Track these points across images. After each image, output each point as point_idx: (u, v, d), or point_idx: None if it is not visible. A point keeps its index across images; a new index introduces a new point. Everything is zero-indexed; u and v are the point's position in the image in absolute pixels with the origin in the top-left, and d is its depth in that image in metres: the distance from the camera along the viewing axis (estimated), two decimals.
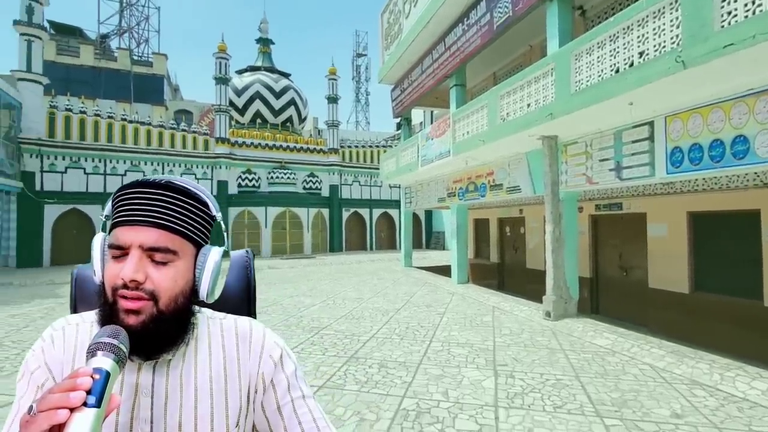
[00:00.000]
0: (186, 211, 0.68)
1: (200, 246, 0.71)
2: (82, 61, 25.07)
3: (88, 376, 0.49)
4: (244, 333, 0.75)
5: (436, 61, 10.27)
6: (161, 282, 0.64)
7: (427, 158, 10.13)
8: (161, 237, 0.65)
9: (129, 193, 0.67)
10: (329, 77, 22.76)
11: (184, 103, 29.45)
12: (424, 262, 15.95)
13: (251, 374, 0.73)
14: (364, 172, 23.54)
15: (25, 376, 0.67)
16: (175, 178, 0.71)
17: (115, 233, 0.65)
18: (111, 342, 0.56)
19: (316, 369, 4.10)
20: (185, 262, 0.68)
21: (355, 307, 7.26)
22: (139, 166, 17.79)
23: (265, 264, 15.70)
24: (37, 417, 0.46)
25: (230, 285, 0.91)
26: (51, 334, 0.70)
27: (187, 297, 0.69)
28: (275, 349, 0.75)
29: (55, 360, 0.68)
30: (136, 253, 0.63)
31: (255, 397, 0.73)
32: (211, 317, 0.76)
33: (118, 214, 0.66)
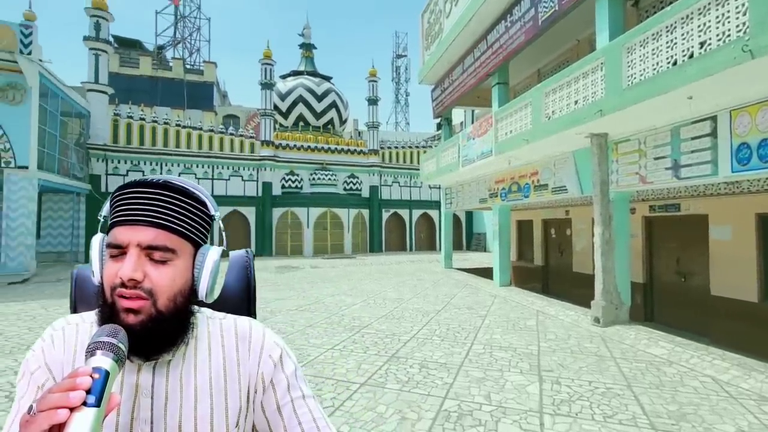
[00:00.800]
0: (184, 210, 0.68)
1: (199, 245, 0.71)
2: (142, 71, 26.92)
3: (88, 376, 0.49)
4: (244, 333, 0.75)
5: (477, 60, 10.11)
6: (160, 281, 0.64)
7: (468, 158, 10.00)
8: (159, 236, 0.64)
9: (127, 193, 0.66)
10: (369, 79, 22.99)
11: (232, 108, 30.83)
12: (464, 263, 15.72)
13: (251, 374, 0.73)
14: (403, 172, 23.57)
15: (25, 376, 0.67)
16: (173, 178, 0.71)
17: (113, 233, 0.65)
18: (110, 341, 0.56)
19: (358, 366, 4.16)
20: (184, 261, 0.67)
21: (396, 308, 7.30)
22: (191, 168, 18.82)
23: (307, 263, 16.10)
24: (37, 417, 0.45)
25: (230, 285, 0.90)
26: (51, 335, 0.70)
27: (186, 297, 0.68)
28: (275, 349, 0.75)
29: (55, 360, 0.68)
30: (134, 251, 0.63)
31: (255, 397, 0.73)
32: (211, 317, 0.76)
33: (116, 213, 0.66)
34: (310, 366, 4.20)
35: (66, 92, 14.32)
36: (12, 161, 11.48)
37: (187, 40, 33.24)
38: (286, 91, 23.39)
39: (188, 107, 26.05)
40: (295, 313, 6.92)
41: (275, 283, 10.83)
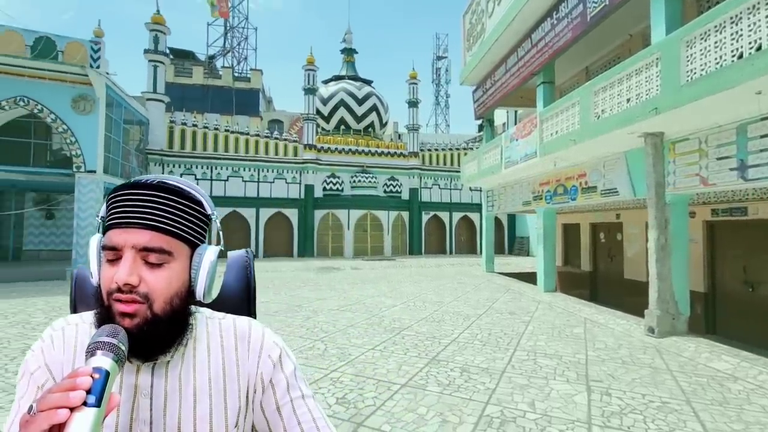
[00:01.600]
0: (179, 211, 0.67)
1: (196, 246, 0.70)
2: (194, 80, 28.50)
3: (88, 376, 0.49)
4: (243, 333, 0.75)
5: (521, 59, 9.87)
6: (155, 284, 0.63)
7: (511, 160, 9.77)
8: (154, 238, 0.64)
9: (122, 195, 0.66)
10: (410, 82, 23.03)
11: (276, 114, 31.93)
12: (506, 267, 15.34)
13: (250, 374, 0.72)
14: (443, 175, 23.39)
15: (25, 376, 0.67)
16: (168, 178, 0.70)
17: (109, 235, 0.65)
18: (110, 341, 0.56)
19: (399, 368, 4.19)
20: (180, 262, 0.67)
21: (436, 310, 7.25)
22: (238, 172, 19.68)
23: (348, 264, 16.34)
24: (37, 416, 0.45)
25: (230, 285, 0.89)
26: (51, 335, 0.70)
27: (183, 298, 0.68)
28: (274, 349, 0.74)
29: (54, 360, 0.68)
30: (130, 255, 0.63)
31: (254, 397, 0.72)
32: (210, 317, 0.75)
33: (112, 215, 0.66)
34: (351, 365, 4.27)
35: (128, 102, 15.46)
36: (82, 166, 12.53)
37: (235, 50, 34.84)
38: (328, 95, 23.92)
39: (236, 113, 27.27)
40: (336, 312, 7.05)
41: (317, 283, 11.09)
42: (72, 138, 12.46)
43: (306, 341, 5.21)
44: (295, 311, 7.14)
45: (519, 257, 21.57)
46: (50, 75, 12.18)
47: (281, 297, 8.69)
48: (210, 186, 19.13)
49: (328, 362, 4.38)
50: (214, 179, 19.24)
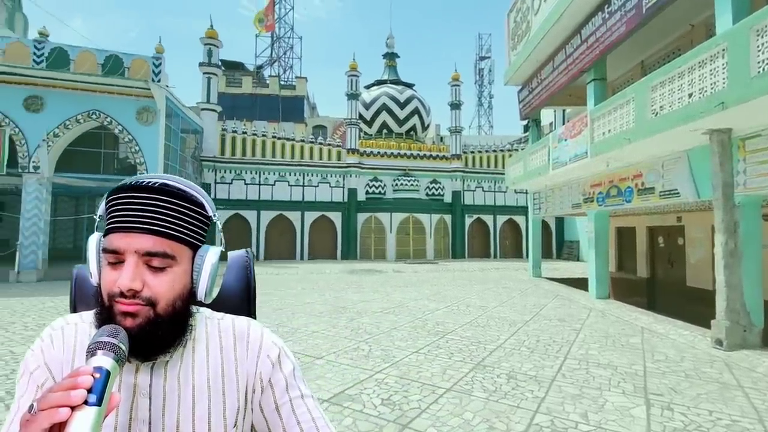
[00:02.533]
0: (182, 215, 0.67)
1: (197, 247, 0.70)
2: (243, 90, 29.90)
3: (89, 375, 0.49)
4: (242, 333, 0.75)
5: (570, 56, 9.51)
6: (158, 288, 0.63)
7: (559, 161, 9.42)
8: (157, 242, 0.63)
9: (123, 197, 0.65)
10: (452, 84, 22.83)
11: (320, 119, 32.78)
12: (554, 273, 14.76)
13: (249, 374, 0.72)
14: (487, 177, 22.93)
15: (25, 375, 0.67)
16: (170, 179, 0.70)
17: (110, 238, 0.64)
18: (111, 341, 0.56)
19: (443, 372, 4.16)
20: (182, 266, 0.67)
21: (480, 315, 7.12)
22: (284, 176, 20.38)
23: (390, 267, 16.41)
24: (38, 415, 0.45)
25: (230, 285, 0.89)
26: (50, 334, 0.70)
27: (185, 300, 0.68)
28: (273, 349, 0.74)
29: (54, 360, 0.68)
30: (132, 260, 0.62)
31: (253, 397, 0.72)
32: (209, 317, 0.75)
33: (113, 218, 0.65)
34: (396, 367, 4.30)
35: (185, 112, 16.50)
36: (145, 172, 13.49)
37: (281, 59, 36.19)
38: (370, 100, 24.22)
39: (282, 120, 28.29)
40: (380, 315, 7.11)
41: (360, 285, 11.23)
42: (136, 147, 13.49)
43: (351, 342, 5.30)
44: (340, 313, 7.28)
45: (568, 262, 20.68)
46: (118, 90, 13.27)
47: (326, 298, 8.89)
48: (258, 190, 19.95)
49: (373, 363, 4.43)
50: (262, 184, 20.04)
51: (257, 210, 19.75)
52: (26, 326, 6.14)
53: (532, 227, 13.42)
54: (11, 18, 18.69)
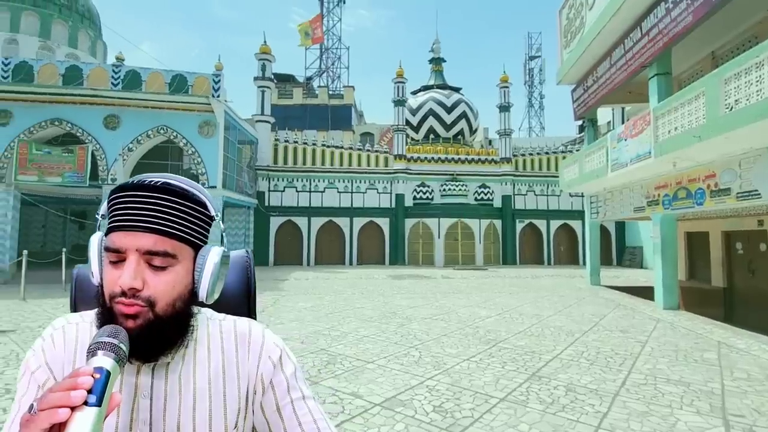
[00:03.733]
0: (184, 214, 0.66)
1: (199, 247, 0.70)
2: (294, 101, 31.13)
3: (89, 375, 0.49)
4: (243, 334, 0.74)
5: (629, 51, 8.98)
6: (159, 288, 0.63)
7: (619, 162, 8.89)
8: (159, 241, 0.63)
9: (125, 196, 0.65)
10: (500, 85, 22.33)
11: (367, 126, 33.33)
12: (615, 281, 13.88)
13: (250, 375, 0.72)
14: (539, 181, 22.10)
15: (26, 375, 0.67)
16: (173, 178, 0.70)
17: (112, 237, 0.64)
18: (111, 341, 0.56)
19: (496, 381, 4.05)
20: (184, 265, 0.67)
21: (534, 324, 6.86)
22: (333, 183, 20.89)
23: (439, 273, 16.26)
24: (38, 416, 0.45)
25: (230, 286, 0.88)
26: (51, 334, 0.69)
27: (186, 300, 0.68)
28: (274, 350, 0.74)
29: (55, 359, 0.67)
30: (134, 259, 0.62)
31: (254, 399, 0.72)
32: (211, 318, 0.75)
33: (115, 217, 0.65)
34: (447, 374, 4.25)
35: (241, 124, 17.46)
36: (206, 182, 14.44)
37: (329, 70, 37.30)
38: (417, 105, 24.27)
39: (331, 128, 29.10)
40: (429, 321, 7.07)
41: (409, 291, 11.23)
42: (198, 159, 14.46)
43: (401, 348, 5.31)
44: (389, 318, 7.32)
45: (630, 269, 19.36)
46: (183, 106, 14.34)
47: (375, 304, 8.97)
48: (309, 197, 20.61)
49: (423, 370, 4.41)
50: (312, 191, 20.69)
51: (308, 216, 20.40)
52: None
53: (589, 232, 12.74)
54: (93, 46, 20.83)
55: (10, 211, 13.23)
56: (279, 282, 13.21)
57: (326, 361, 4.72)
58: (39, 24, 18.98)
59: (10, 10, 18.64)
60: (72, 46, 19.71)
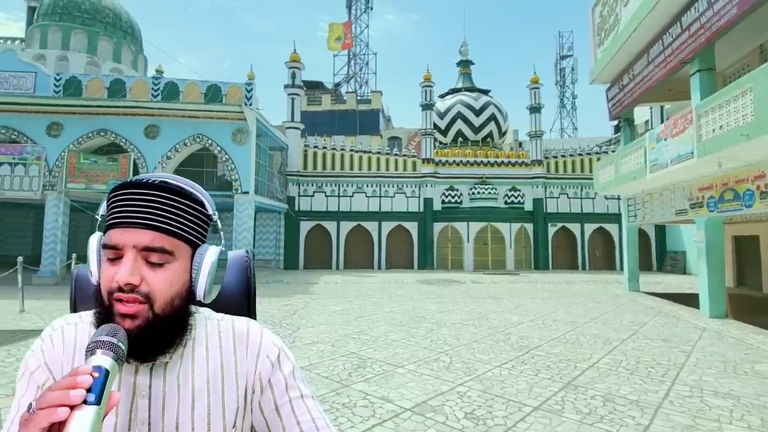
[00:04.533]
0: (181, 211, 0.67)
1: (197, 246, 0.70)
2: (323, 107, 31.69)
3: (88, 374, 0.49)
4: (242, 333, 0.74)
5: (668, 47, 8.62)
6: (156, 284, 0.63)
7: (658, 163, 8.52)
8: (156, 238, 0.64)
9: (124, 194, 0.65)
10: (531, 86, 21.88)
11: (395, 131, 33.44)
12: (655, 287, 13.26)
13: (248, 375, 0.72)
14: (572, 183, 21.44)
15: (25, 375, 0.67)
16: (170, 177, 0.70)
17: (110, 234, 0.64)
18: (110, 340, 0.56)
19: (530, 389, 3.95)
20: (181, 263, 0.67)
21: (569, 331, 6.65)
22: (362, 188, 21.04)
23: (468, 278, 16.04)
24: (37, 415, 0.45)
25: (230, 286, 0.88)
26: (50, 334, 0.70)
27: (184, 299, 0.68)
28: (273, 350, 0.74)
29: (54, 360, 0.67)
30: (131, 255, 0.62)
31: (253, 398, 0.72)
32: (209, 318, 0.75)
33: (113, 214, 0.66)
34: (478, 381, 4.18)
35: (272, 131, 17.92)
36: (239, 188, 14.90)
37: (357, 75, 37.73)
38: (445, 109, 24.13)
39: (359, 133, 29.38)
40: (459, 326, 6.98)
41: (438, 295, 11.14)
42: (232, 165, 14.94)
43: (431, 353, 5.28)
44: (419, 323, 7.29)
45: (672, 275, 18.44)
46: (217, 115, 14.87)
47: (404, 308, 8.95)
48: (338, 201, 20.84)
49: (454, 375, 4.36)
50: (341, 195, 20.92)
51: (337, 221, 20.62)
52: None
53: (626, 236, 12.25)
54: (135, 60, 21.97)
55: (61, 216, 14.11)
56: (309, 285, 13.41)
57: (356, 364, 4.75)
58: (87, 41, 20.21)
59: (62, 29, 19.95)
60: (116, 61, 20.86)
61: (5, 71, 14.55)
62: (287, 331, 6.56)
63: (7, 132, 14.40)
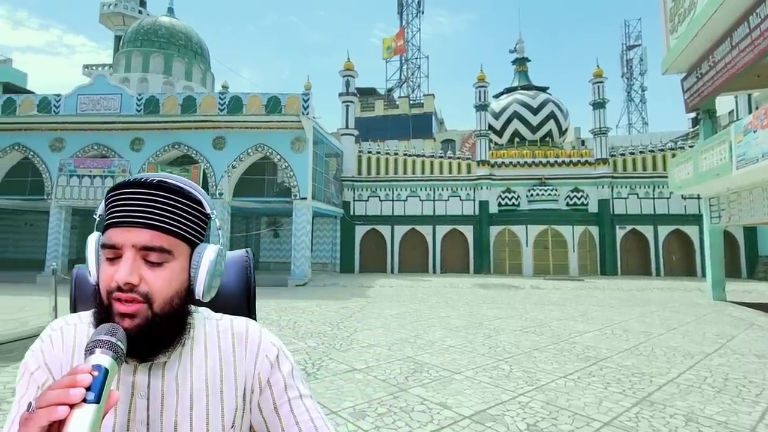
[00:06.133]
0: (179, 210, 0.67)
1: (195, 245, 0.70)
2: (376, 113, 32.16)
3: (87, 373, 0.49)
4: (240, 333, 0.74)
5: (756, 29, 7.73)
6: (155, 283, 0.63)
7: (746, 158, 7.64)
8: (155, 237, 0.64)
9: (122, 194, 0.66)
10: (594, 81, 20.65)
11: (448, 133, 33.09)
12: (745, 296, 11.87)
13: (247, 375, 0.71)
14: (643, 182, 19.86)
15: (25, 376, 0.67)
16: (168, 177, 0.70)
17: (108, 234, 0.65)
18: (109, 339, 0.56)
19: (599, 403, 3.70)
20: (180, 262, 0.67)
21: (642, 342, 6.14)
22: (416, 192, 21.02)
23: (527, 283, 15.40)
24: (37, 414, 0.45)
25: (230, 286, 0.87)
26: (50, 335, 0.70)
27: (183, 298, 0.68)
28: (271, 349, 0.73)
29: (54, 360, 0.68)
30: (130, 254, 0.62)
31: (252, 398, 0.71)
32: (208, 318, 0.75)
33: (112, 214, 0.66)
34: (541, 391, 3.99)
35: (328, 138, 18.48)
36: (298, 194, 15.52)
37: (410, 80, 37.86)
38: (500, 109, 23.47)
39: (412, 137, 29.43)
40: (519, 333, 6.72)
41: (495, 301, 10.80)
42: (291, 172, 15.61)
43: (489, 360, 5.13)
44: (476, 329, 7.11)
45: (765, 283, 16.41)
46: (277, 125, 15.64)
47: (460, 313, 8.79)
48: (392, 206, 20.98)
49: (515, 384, 4.20)
50: (395, 200, 21.04)
51: (391, 225, 20.75)
52: None
53: (709, 239, 11.10)
54: (204, 77, 23.75)
55: None
56: (365, 288, 13.60)
57: (413, 369, 4.74)
58: (163, 63, 22.20)
59: (142, 54, 22.11)
60: (188, 79, 22.69)
61: (97, 94, 16.37)
62: (345, 333, 6.70)
63: (99, 148, 16.21)
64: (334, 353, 5.44)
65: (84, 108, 16.23)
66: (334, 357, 5.24)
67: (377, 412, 3.48)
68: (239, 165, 15.91)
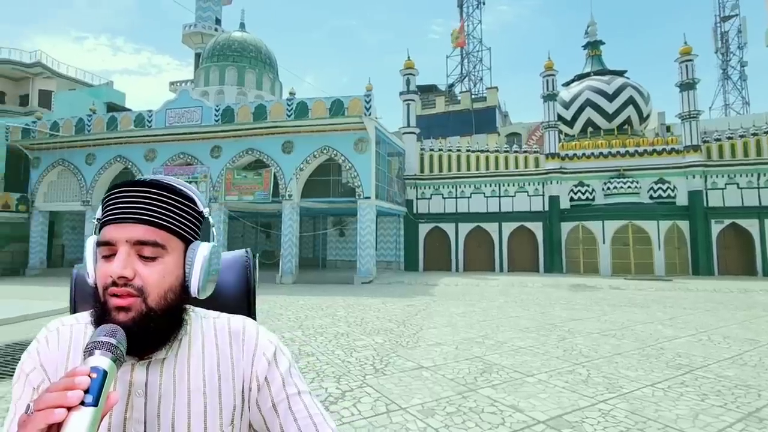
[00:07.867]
0: (172, 206, 0.68)
1: (190, 242, 0.71)
2: (437, 110, 31.81)
3: (86, 375, 0.49)
4: (237, 331, 0.74)
5: None
6: (150, 278, 0.64)
7: None
8: (148, 231, 0.65)
9: (116, 194, 0.67)
10: (681, 59, 18.60)
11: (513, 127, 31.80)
12: None
13: (245, 373, 0.71)
14: (744, 170, 17.51)
15: (21, 378, 0.67)
16: (162, 177, 0.71)
17: (103, 232, 0.66)
18: (109, 341, 0.55)
19: (694, 416, 3.33)
20: (174, 258, 0.67)
21: (747, 351, 5.43)
22: (480, 188, 20.46)
23: (605, 283, 14.32)
24: (35, 416, 0.45)
25: (229, 285, 0.87)
26: (45, 336, 0.70)
27: (177, 293, 0.68)
28: (269, 347, 0.73)
29: (50, 361, 0.68)
30: (124, 249, 0.63)
31: (250, 396, 0.71)
32: (204, 316, 0.75)
33: (106, 213, 0.67)
34: (624, 400, 3.68)
35: (390, 138, 18.64)
36: (362, 194, 15.85)
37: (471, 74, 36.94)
38: (570, 98, 22.03)
39: (475, 132, 28.66)
40: (597, 337, 6.27)
41: (569, 301, 10.18)
42: (354, 173, 15.98)
43: (564, 363, 4.85)
44: (549, 330, 6.76)
45: None
46: (341, 127, 16.10)
47: (531, 314, 8.41)
48: (455, 203, 20.64)
49: (594, 390, 3.92)
50: (458, 197, 20.67)
51: (455, 222, 20.40)
52: (289, 318, 7.98)
53: None
54: (273, 85, 25.15)
55: (221, 224, 16.89)
56: (429, 287, 13.54)
57: (481, 369, 4.62)
58: (237, 75, 23.85)
59: (218, 68, 23.96)
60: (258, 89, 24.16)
61: (182, 108, 18.03)
62: (411, 330, 6.72)
63: (184, 157, 17.86)
64: (401, 350, 5.48)
65: (171, 121, 17.96)
66: (401, 354, 5.28)
67: (446, 411, 3.45)
68: (306, 167, 16.61)
